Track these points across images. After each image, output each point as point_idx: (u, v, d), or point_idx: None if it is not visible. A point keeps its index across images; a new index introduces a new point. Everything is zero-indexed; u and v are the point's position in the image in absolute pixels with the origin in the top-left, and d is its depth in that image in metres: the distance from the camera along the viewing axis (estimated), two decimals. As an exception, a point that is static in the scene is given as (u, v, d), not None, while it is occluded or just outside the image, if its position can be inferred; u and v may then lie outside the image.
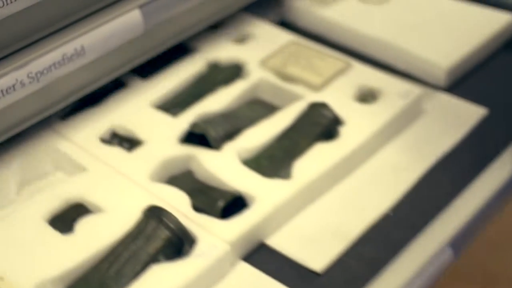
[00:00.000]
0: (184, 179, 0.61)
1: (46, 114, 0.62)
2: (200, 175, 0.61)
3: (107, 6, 0.64)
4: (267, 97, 0.68)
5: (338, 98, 0.66)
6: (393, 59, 0.72)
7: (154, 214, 0.55)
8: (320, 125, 0.63)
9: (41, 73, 0.60)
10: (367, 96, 0.67)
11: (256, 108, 0.67)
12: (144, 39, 0.66)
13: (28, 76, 0.59)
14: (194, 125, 0.63)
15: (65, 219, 0.58)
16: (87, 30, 0.62)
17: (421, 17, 0.76)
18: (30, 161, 0.63)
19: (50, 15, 0.60)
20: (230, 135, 0.63)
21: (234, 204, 0.58)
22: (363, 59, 0.72)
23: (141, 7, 0.65)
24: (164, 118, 0.65)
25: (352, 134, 0.63)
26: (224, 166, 0.61)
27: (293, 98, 0.67)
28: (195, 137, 0.63)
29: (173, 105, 0.67)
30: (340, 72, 0.68)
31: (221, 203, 0.57)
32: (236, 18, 0.76)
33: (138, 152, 0.62)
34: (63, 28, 0.62)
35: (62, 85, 0.62)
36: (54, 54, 0.60)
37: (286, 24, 0.78)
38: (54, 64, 0.60)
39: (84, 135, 0.64)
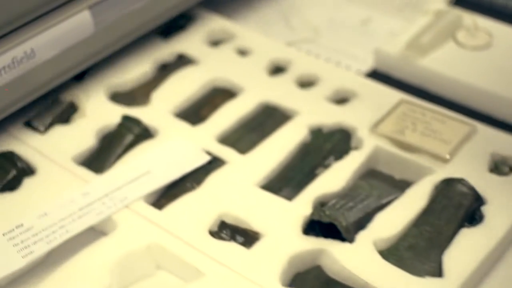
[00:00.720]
0: (314, 277, 0.53)
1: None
2: (333, 272, 0.53)
3: (56, 8, 0.62)
4: (385, 168, 0.60)
5: (471, 170, 0.58)
6: (509, 114, 0.65)
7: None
8: (462, 206, 0.55)
9: (-8, 77, 0.59)
10: (501, 166, 0.59)
11: (377, 184, 0.59)
12: (95, 39, 0.64)
13: (-21, 82, 0.57)
14: (320, 213, 0.54)
15: None
16: (36, 32, 0.61)
17: (531, 64, 0.69)
18: (128, 260, 0.54)
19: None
20: (361, 222, 0.55)
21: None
22: (473, 115, 0.65)
23: (90, 7, 0.63)
24: (277, 202, 0.57)
25: (498, 216, 0.55)
26: (363, 261, 0.52)
27: (417, 170, 0.59)
28: (317, 223, 0.55)
29: (282, 183, 0.59)
30: (467, 138, 0.60)
31: (376, 314, 0.50)
32: (327, 72, 0.67)
33: (258, 248, 0.54)
34: (12, 31, 0.60)
35: (13, 89, 0.60)
36: (4, 58, 0.59)
37: (379, 75, 0.70)
38: (4, 68, 0.59)
39: (189, 226, 0.55)
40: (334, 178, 0.58)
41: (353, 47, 0.73)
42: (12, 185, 0.59)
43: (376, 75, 0.70)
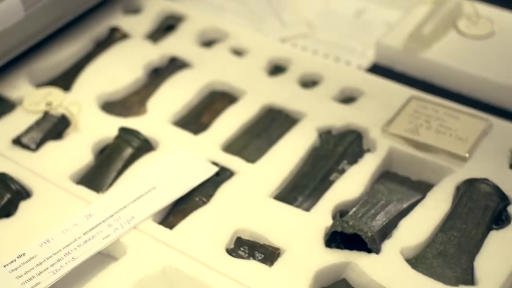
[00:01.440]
0: (341, 292, 0.51)
1: None
2: (360, 285, 0.50)
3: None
4: (400, 170, 0.58)
5: (491, 168, 0.56)
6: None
7: None
8: (489, 208, 0.53)
9: None
10: (521, 162, 0.57)
11: (394, 187, 0.56)
12: (26, 24, 0.62)
13: None
14: (342, 224, 0.51)
15: None
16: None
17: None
18: (142, 285, 0.50)
19: None
20: (385, 229, 0.52)
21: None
22: (482, 107, 0.62)
23: None
24: (295, 214, 0.53)
25: (526, 215, 0.53)
26: (391, 272, 0.50)
27: (435, 170, 0.56)
28: (339, 234, 0.52)
29: (296, 192, 0.56)
30: (484, 134, 0.58)
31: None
32: (330, 69, 0.64)
33: (280, 264, 0.51)
34: None
35: None
36: None
37: (381, 69, 0.67)
38: None
39: (204, 245, 0.52)
40: (351, 184, 0.55)
41: (350, 40, 0.70)
42: (7, 211, 0.55)
43: (378, 69, 0.67)
